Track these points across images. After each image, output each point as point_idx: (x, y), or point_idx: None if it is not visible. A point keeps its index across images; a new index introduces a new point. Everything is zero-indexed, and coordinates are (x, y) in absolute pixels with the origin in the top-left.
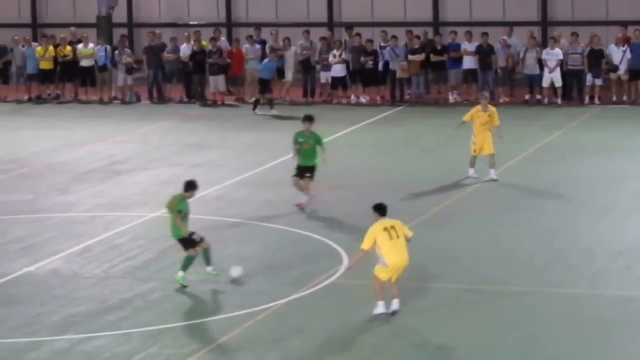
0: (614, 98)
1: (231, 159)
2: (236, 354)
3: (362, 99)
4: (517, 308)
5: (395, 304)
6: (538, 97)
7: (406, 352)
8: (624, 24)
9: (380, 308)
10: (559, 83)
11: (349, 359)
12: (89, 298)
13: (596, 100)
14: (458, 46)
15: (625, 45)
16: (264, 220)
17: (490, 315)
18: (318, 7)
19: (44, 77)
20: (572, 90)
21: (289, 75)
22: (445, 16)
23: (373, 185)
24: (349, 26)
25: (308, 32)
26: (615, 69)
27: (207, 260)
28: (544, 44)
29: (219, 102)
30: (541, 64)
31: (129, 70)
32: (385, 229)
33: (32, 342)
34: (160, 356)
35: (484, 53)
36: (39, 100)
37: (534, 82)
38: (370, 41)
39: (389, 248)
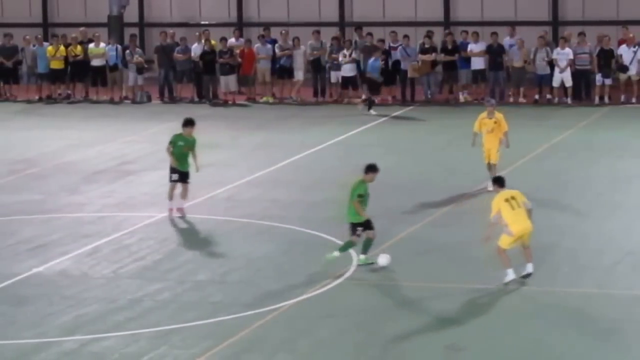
0: (623, 98)
1: (242, 158)
2: (245, 355)
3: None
4: (527, 307)
5: (528, 268)
6: (548, 96)
7: (416, 352)
8: (636, 23)
9: (510, 275)
10: (569, 83)
11: (358, 359)
12: (97, 298)
13: (606, 100)
14: (471, 46)
15: (637, 46)
16: (274, 220)
17: (500, 314)
18: (329, 6)
19: (54, 76)
20: (581, 90)
21: (299, 74)
22: (457, 16)
23: (383, 185)
24: (360, 26)
25: (318, 32)
26: (625, 69)
27: (365, 249)
28: (554, 44)
29: (229, 102)
30: (551, 63)
31: (140, 70)
32: (507, 200)
33: (40, 343)
34: (169, 357)
35: (495, 53)
36: (50, 100)
37: (543, 81)
38: (382, 41)
39: (511, 218)
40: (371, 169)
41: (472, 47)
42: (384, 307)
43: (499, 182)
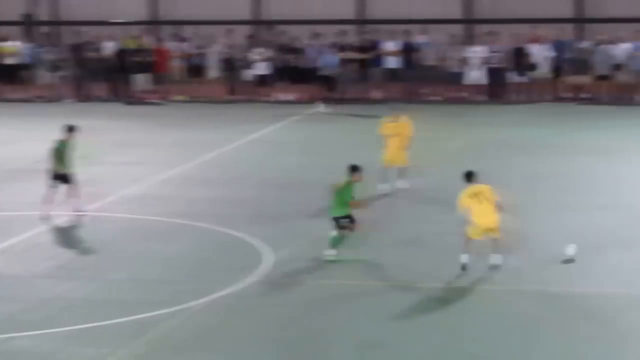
0: (537, 95)
1: (156, 157)
2: (157, 353)
3: (287, 97)
4: (442, 303)
5: (495, 259)
6: (462, 94)
7: (330, 349)
8: (548, 21)
9: (463, 259)
10: (483, 81)
11: (270, 355)
12: (10, 298)
13: (520, 98)
14: (384, 44)
15: (549, 44)
16: (188, 219)
17: (419, 311)
18: (243, 5)
19: None
20: (495, 88)
21: (212, 73)
22: (371, 14)
23: (296, 183)
24: (274, 24)
25: (232, 30)
26: (535, 67)
27: (334, 243)
28: (468, 42)
29: (144, 100)
30: (465, 61)
31: (54, 69)
32: (474, 194)
33: None
34: (81, 356)
35: (409, 51)
36: None
37: (457, 79)
38: (297, 39)
39: (478, 212)
40: (356, 169)
41: (386, 46)
42: (299, 304)
43: (468, 176)
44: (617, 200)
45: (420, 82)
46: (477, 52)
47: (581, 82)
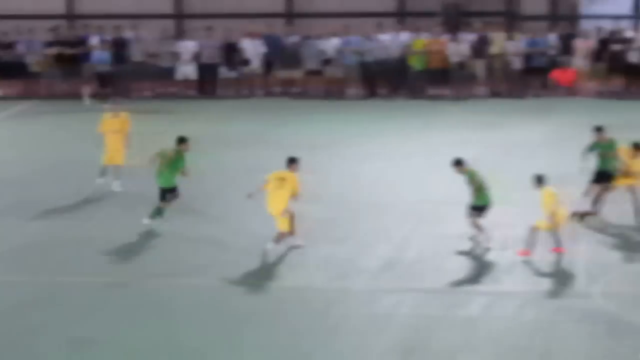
0: (248, 91)
1: None
2: None
3: None
4: (152, 299)
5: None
6: (173, 90)
7: (43, 346)
8: (260, 16)
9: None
10: (194, 76)
11: None
12: None
13: (231, 93)
14: (93, 39)
15: (260, 39)
16: None
17: (132, 307)
18: None
19: None
20: (206, 83)
21: None
22: (80, 9)
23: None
24: None
25: None
26: (249, 62)
27: (154, 214)
28: (178, 37)
29: None
30: (176, 56)
31: None
32: (276, 178)
33: None
34: None
35: (119, 46)
36: None
37: (168, 75)
38: (5, 33)
39: (269, 196)
40: (184, 140)
41: (94, 41)
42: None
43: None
44: (328, 192)
45: (131, 77)
46: (188, 47)
47: (292, 76)
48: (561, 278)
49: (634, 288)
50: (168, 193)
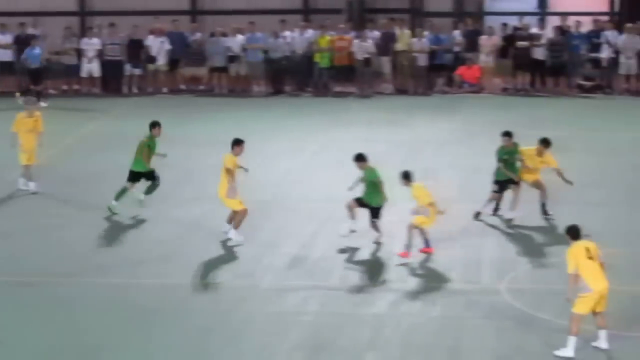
0: (153, 88)
1: None
2: None
3: None
4: (57, 298)
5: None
6: (76, 87)
7: None
8: (165, 14)
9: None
10: (97, 73)
11: None
12: None
13: (134, 90)
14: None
15: (164, 36)
16: None
17: (38, 306)
18: None
19: None
20: (110, 80)
21: None
22: None
23: None
24: None
25: None
26: (153, 59)
27: (118, 196)
28: (82, 34)
29: None
30: (82, 54)
31: None
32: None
33: None
34: None
35: (22, 43)
36: None
37: (72, 72)
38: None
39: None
40: (155, 124)
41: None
42: None
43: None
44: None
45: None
46: (92, 44)
47: (197, 74)
48: (468, 275)
49: (540, 284)
50: (144, 178)
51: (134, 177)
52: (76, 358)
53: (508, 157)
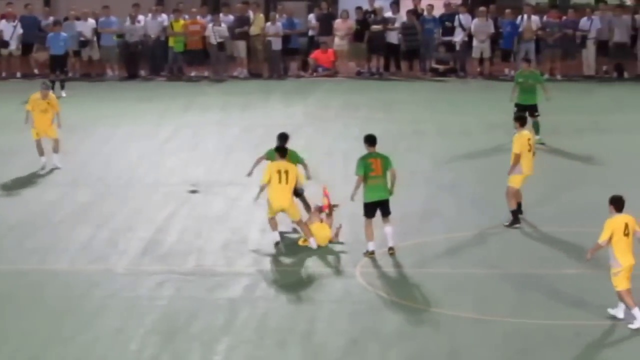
0: (4, 73)
1: None
2: None
3: None
4: None
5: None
6: None
7: None
8: None
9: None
10: None
11: None
12: None
13: None
14: None
15: (16, 21)
16: None
17: None
18: None
19: None
20: None
21: None
22: None
23: None
24: None
25: None
26: (6, 44)
27: None
28: None
29: None
30: None
31: None
32: (278, 171)
33: None
34: None
35: None
36: None
37: None
38: None
39: (273, 190)
40: None
41: None
42: None
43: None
44: (87, 174)
45: None
46: None
47: (40, 57)
48: (322, 258)
49: (392, 267)
50: None
51: None
52: None
53: (523, 80)
